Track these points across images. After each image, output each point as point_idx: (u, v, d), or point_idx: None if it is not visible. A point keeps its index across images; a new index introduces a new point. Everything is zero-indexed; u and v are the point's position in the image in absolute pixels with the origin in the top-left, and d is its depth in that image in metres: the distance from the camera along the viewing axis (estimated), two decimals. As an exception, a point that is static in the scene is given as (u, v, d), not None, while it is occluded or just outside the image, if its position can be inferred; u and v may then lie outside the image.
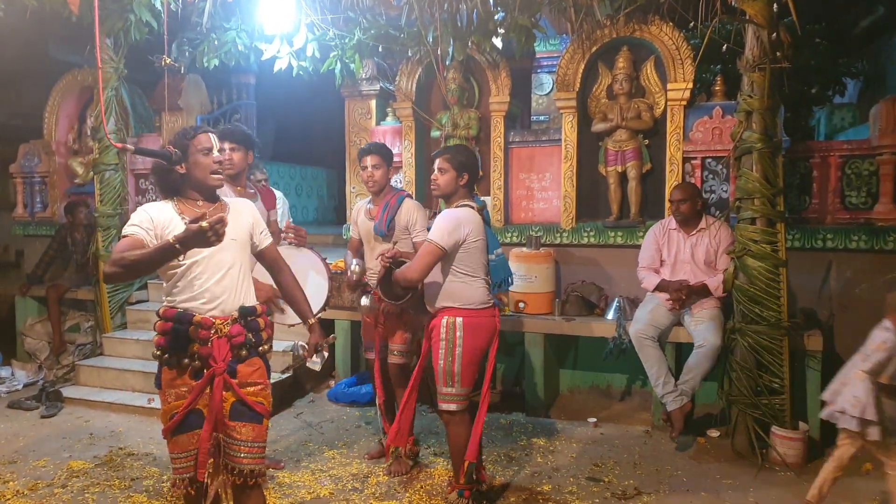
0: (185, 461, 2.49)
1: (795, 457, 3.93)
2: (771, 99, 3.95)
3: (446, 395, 3.27)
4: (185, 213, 2.50)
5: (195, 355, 2.49)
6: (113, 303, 6.03)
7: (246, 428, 2.52)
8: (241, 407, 2.52)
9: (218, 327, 2.50)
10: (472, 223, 3.23)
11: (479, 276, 3.27)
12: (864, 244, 4.67)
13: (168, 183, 2.58)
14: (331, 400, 5.24)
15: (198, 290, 2.50)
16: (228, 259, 2.55)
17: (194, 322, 2.48)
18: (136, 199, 6.95)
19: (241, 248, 2.61)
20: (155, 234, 2.46)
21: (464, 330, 3.21)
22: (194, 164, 2.54)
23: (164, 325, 2.51)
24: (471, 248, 3.22)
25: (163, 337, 2.51)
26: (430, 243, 3.18)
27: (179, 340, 2.49)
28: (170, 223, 2.48)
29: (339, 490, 3.66)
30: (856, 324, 4.75)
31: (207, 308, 2.51)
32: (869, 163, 4.73)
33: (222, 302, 2.53)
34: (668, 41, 4.93)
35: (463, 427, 3.29)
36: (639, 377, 5.08)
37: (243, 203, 2.77)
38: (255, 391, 2.55)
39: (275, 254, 2.80)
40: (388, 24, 4.97)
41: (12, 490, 3.68)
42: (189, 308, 2.50)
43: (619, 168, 5.15)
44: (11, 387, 5.80)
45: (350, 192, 6.13)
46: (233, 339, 2.51)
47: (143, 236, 2.44)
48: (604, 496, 3.58)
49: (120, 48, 5.83)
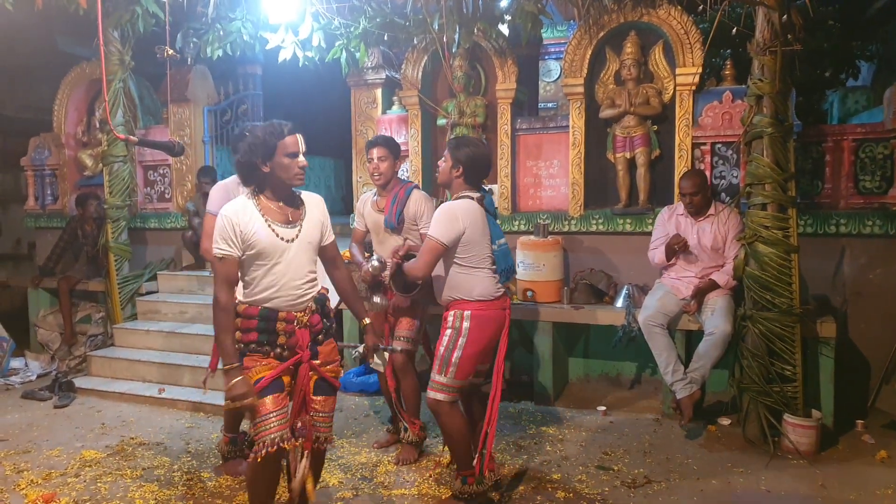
0: (273, 420, 2.65)
1: (808, 445, 3.88)
2: (782, 83, 3.89)
3: (437, 384, 3.21)
4: (267, 215, 2.67)
5: (284, 346, 2.70)
6: (123, 294, 6.08)
7: (328, 401, 2.83)
8: (323, 383, 2.80)
9: (300, 319, 2.72)
10: (469, 215, 3.17)
11: (482, 267, 3.23)
12: (878, 229, 4.61)
13: (252, 179, 2.71)
14: (340, 390, 5.24)
15: (281, 289, 2.68)
16: (305, 260, 2.75)
17: (280, 318, 2.68)
18: (145, 190, 6.99)
19: (313, 249, 2.81)
20: (241, 243, 2.63)
21: (471, 321, 3.17)
22: (279, 165, 2.64)
23: (248, 322, 2.68)
24: (470, 240, 3.17)
25: (249, 333, 2.68)
26: (430, 239, 3.16)
27: (267, 335, 2.69)
28: (252, 226, 2.63)
29: (349, 479, 3.67)
30: (870, 310, 4.72)
31: (290, 304, 2.71)
32: (883, 146, 4.65)
33: (302, 297, 2.74)
34: (677, 25, 4.86)
35: (452, 418, 3.21)
36: (648, 365, 5.05)
37: (317, 202, 2.87)
38: (332, 368, 2.84)
39: (334, 251, 2.95)
40: (394, 12, 4.93)
41: (27, 479, 3.72)
42: (272, 305, 2.69)
43: (628, 154, 5.10)
44: (25, 377, 5.87)
45: (357, 182, 6.12)
46: (313, 327, 2.77)
47: (235, 255, 2.64)
48: (613, 484, 3.57)
49: (127, 40, 5.85)
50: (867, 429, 4.27)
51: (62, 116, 7.09)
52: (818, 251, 4.71)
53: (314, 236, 2.78)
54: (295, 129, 2.68)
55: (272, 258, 2.65)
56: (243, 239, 2.62)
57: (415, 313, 3.88)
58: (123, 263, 6.14)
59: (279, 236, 2.67)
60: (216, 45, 5.40)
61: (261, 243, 2.63)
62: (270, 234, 2.65)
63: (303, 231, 2.74)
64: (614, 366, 5.25)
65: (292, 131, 2.67)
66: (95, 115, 6.94)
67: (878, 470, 3.72)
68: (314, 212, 2.81)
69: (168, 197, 6.91)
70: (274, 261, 2.66)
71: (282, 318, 2.68)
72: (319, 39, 5.01)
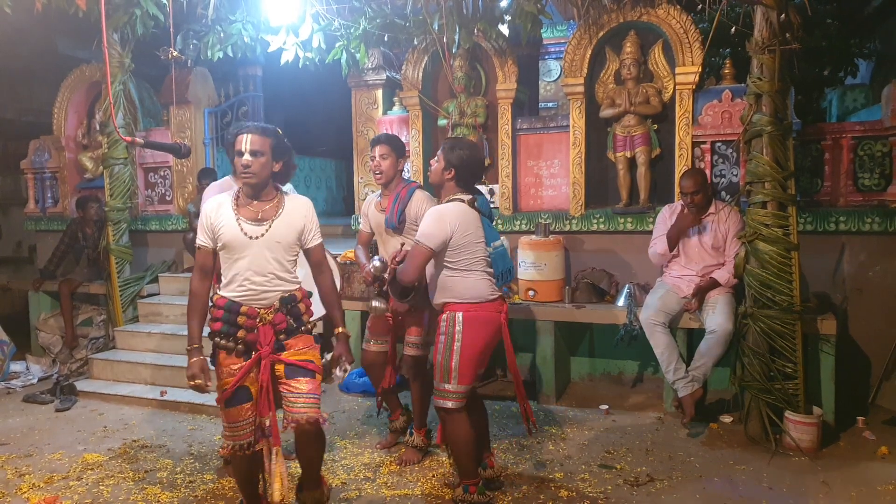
0: (234, 430, 2.82)
1: (810, 442, 3.89)
2: (781, 81, 3.90)
3: (442, 392, 3.17)
4: (239, 211, 2.80)
5: (241, 340, 2.79)
6: (125, 297, 6.08)
7: (301, 382, 2.82)
8: (294, 367, 2.83)
9: (262, 315, 2.80)
10: (458, 218, 3.14)
11: (475, 270, 3.18)
12: (877, 226, 4.62)
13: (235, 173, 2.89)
14: (342, 390, 5.25)
15: (244, 283, 2.80)
16: (270, 256, 2.80)
17: (241, 312, 2.79)
18: (146, 192, 6.99)
19: (284, 249, 2.84)
20: (213, 234, 2.81)
21: (463, 325, 3.13)
22: (235, 163, 2.80)
23: (216, 312, 2.82)
24: (460, 243, 3.13)
25: (216, 323, 2.82)
26: (417, 244, 3.14)
27: (229, 327, 2.80)
28: (221, 220, 2.79)
29: (352, 480, 3.68)
30: (870, 307, 4.73)
31: (252, 299, 2.80)
32: (882, 144, 4.67)
33: (266, 293, 2.81)
34: (676, 24, 4.88)
35: (459, 426, 3.18)
36: (650, 364, 5.06)
37: (300, 205, 2.92)
38: (301, 353, 2.86)
39: (319, 256, 2.99)
40: (394, 13, 4.94)
41: (28, 483, 3.72)
42: (236, 298, 2.81)
43: (628, 153, 5.11)
44: (26, 381, 5.86)
45: (358, 183, 6.12)
46: (276, 325, 2.82)
47: (209, 246, 2.83)
48: (616, 483, 3.57)
49: (127, 42, 5.85)
50: (868, 425, 4.28)
51: (62, 119, 7.10)
52: (818, 248, 4.72)
53: (285, 237, 2.83)
54: (248, 130, 2.78)
55: (236, 252, 2.79)
56: (213, 231, 2.80)
57: (419, 320, 3.85)
58: (124, 266, 6.14)
59: (244, 232, 2.78)
60: (217, 46, 5.41)
61: (224, 237, 2.79)
62: (235, 229, 2.78)
63: (271, 230, 2.80)
64: (616, 365, 5.26)
65: (243, 131, 2.79)
66: (95, 117, 6.93)
67: (878, 466, 3.72)
68: (293, 214, 2.86)
69: (169, 199, 6.92)
70: (237, 255, 2.79)
71: (243, 312, 2.79)
72: (320, 41, 5.02)
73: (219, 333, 2.82)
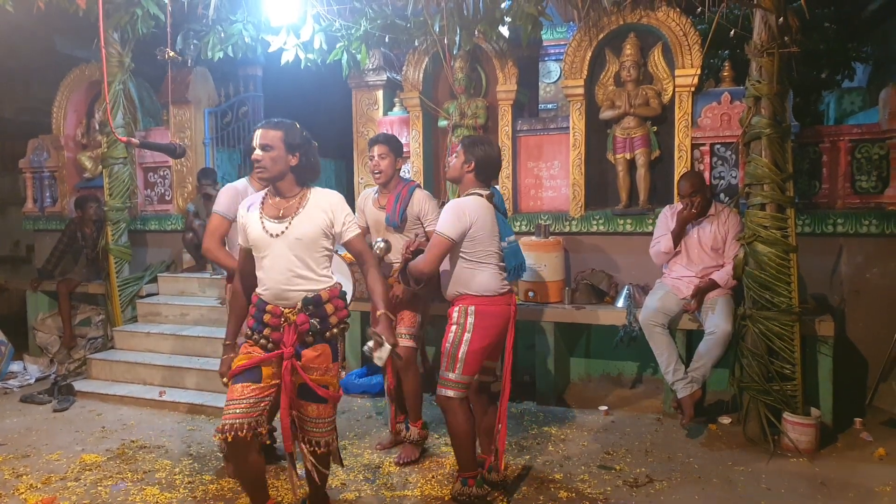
0: (229, 407, 2.69)
1: (808, 443, 3.91)
2: (779, 84, 3.92)
3: (445, 381, 3.23)
4: (263, 209, 2.80)
5: (268, 339, 2.75)
6: (123, 297, 6.07)
7: (311, 407, 2.79)
8: (307, 389, 2.75)
9: (287, 315, 2.74)
10: (477, 211, 3.22)
11: (489, 263, 3.26)
12: (874, 228, 4.65)
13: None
14: (344, 393, 5.25)
15: (267, 282, 2.77)
16: (292, 255, 2.74)
17: (267, 310, 2.76)
18: (145, 192, 6.99)
19: (307, 246, 2.75)
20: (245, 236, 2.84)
21: (475, 317, 3.21)
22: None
23: (251, 309, 2.84)
24: (477, 235, 3.21)
25: (250, 319, 2.84)
26: (437, 235, 3.21)
27: (258, 325, 2.79)
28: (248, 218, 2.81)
29: (351, 480, 3.68)
30: (867, 309, 4.75)
31: (277, 298, 2.77)
32: (879, 146, 4.69)
33: (288, 292, 2.75)
34: (676, 27, 4.90)
35: (460, 416, 3.22)
36: (650, 365, 5.08)
37: (322, 199, 2.84)
38: (317, 376, 2.76)
39: (359, 246, 2.91)
40: (395, 14, 4.95)
41: (26, 484, 3.70)
42: (264, 297, 2.79)
43: (628, 155, 5.12)
44: (24, 381, 5.84)
45: (358, 184, 6.13)
46: (299, 326, 2.73)
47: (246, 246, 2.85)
48: (615, 484, 3.58)
49: (127, 42, 5.84)
50: (865, 426, 4.30)
51: (61, 118, 7.09)
52: (816, 250, 4.75)
53: (306, 233, 2.73)
54: (261, 125, 2.79)
55: (261, 251, 2.77)
56: (244, 230, 2.82)
57: (416, 307, 3.88)
58: (123, 266, 6.13)
59: (266, 230, 2.76)
60: (217, 47, 5.41)
61: (251, 236, 2.80)
62: (259, 228, 2.77)
63: (291, 227, 2.73)
64: (616, 365, 5.27)
65: (257, 127, 2.80)
66: (95, 116, 6.93)
67: (876, 467, 3.74)
68: (314, 210, 2.78)
69: (168, 199, 6.91)
70: (262, 253, 2.78)
71: (269, 311, 2.77)
72: (321, 41, 5.02)
73: (251, 330, 2.83)
